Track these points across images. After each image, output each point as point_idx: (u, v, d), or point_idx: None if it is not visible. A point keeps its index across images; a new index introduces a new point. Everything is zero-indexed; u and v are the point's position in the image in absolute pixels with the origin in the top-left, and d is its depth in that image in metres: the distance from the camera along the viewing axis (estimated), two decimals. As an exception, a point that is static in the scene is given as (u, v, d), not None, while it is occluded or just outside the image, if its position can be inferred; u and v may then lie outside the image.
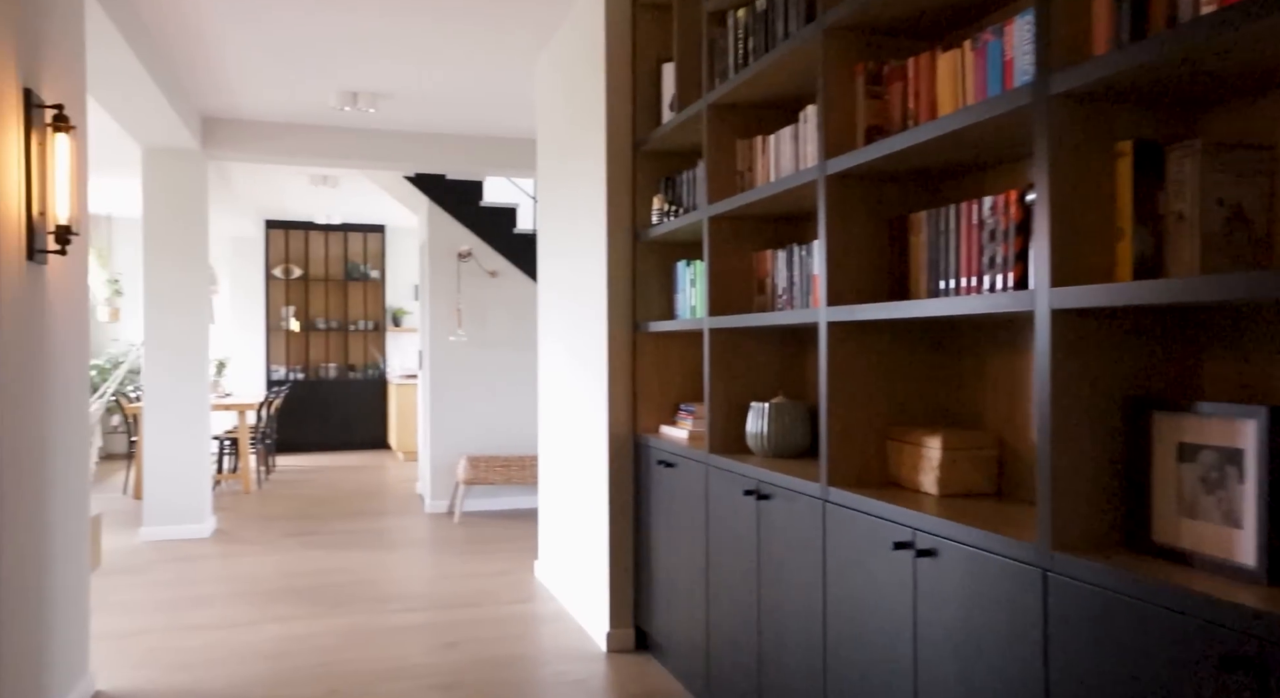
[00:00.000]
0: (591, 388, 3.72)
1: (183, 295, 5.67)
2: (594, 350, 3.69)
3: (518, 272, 6.72)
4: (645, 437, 3.46)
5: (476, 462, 6.25)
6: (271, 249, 10.29)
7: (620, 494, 3.56)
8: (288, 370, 10.27)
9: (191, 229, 5.71)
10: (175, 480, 5.63)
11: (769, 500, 2.44)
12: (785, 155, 2.59)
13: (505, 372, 6.70)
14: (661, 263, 3.58)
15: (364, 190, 8.24)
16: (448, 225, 6.60)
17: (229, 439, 7.69)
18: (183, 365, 5.65)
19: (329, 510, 6.58)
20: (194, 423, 5.67)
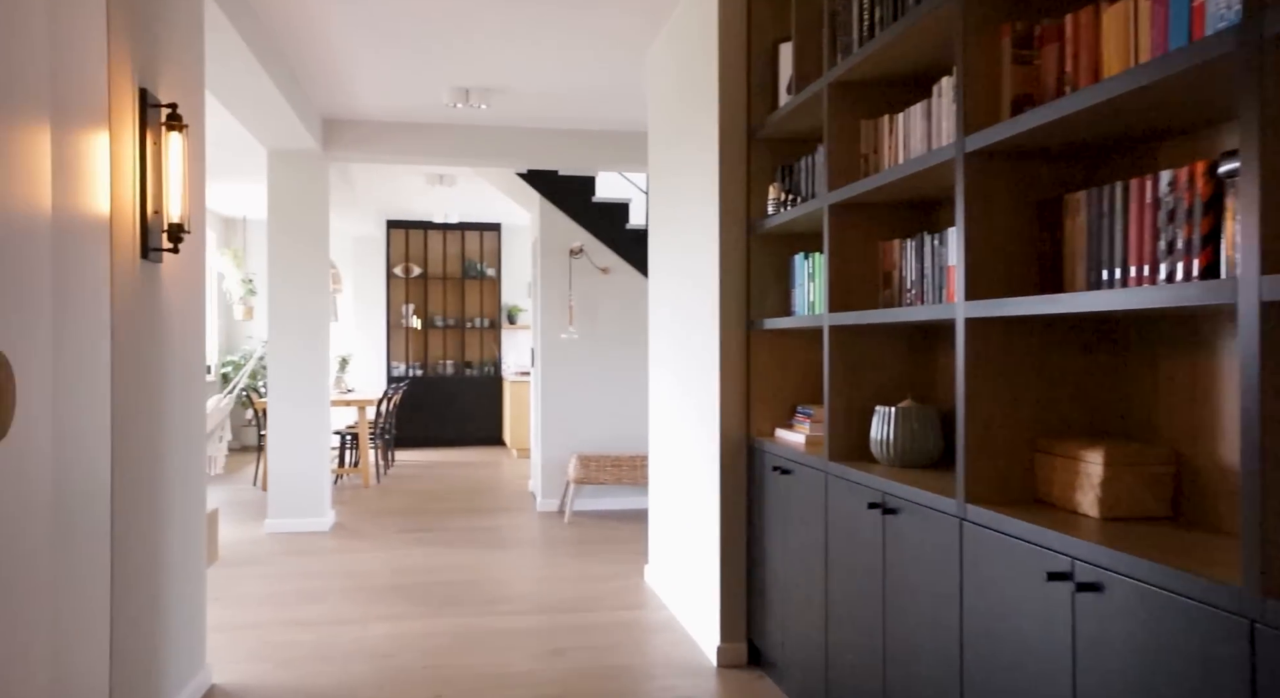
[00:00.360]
0: (703, 388, 3.55)
1: (304, 294, 5.80)
2: (706, 349, 3.52)
3: (629, 268, 6.61)
4: (759, 441, 3.26)
5: (587, 461, 6.17)
6: (392, 248, 10.54)
7: (732, 501, 3.37)
8: (407, 367, 10.50)
9: (313, 229, 5.84)
10: (297, 475, 5.77)
11: (896, 515, 2.22)
12: (916, 134, 2.36)
13: (616, 369, 6.60)
14: (777, 256, 3.37)
15: (479, 189, 8.30)
16: (559, 222, 6.54)
17: (350, 434, 7.88)
18: (304, 362, 5.78)
19: (443, 507, 6.64)
20: (315, 419, 5.79)
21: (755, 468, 3.30)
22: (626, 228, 6.62)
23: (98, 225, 2.27)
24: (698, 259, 3.62)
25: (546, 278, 6.54)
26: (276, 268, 5.79)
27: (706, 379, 3.50)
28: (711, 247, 3.43)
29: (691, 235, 3.71)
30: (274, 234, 5.80)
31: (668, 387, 4.11)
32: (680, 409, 3.89)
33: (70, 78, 2.13)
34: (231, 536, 5.62)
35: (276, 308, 5.79)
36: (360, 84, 5.11)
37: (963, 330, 1.93)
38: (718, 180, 3.36)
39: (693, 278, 3.68)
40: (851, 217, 2.67)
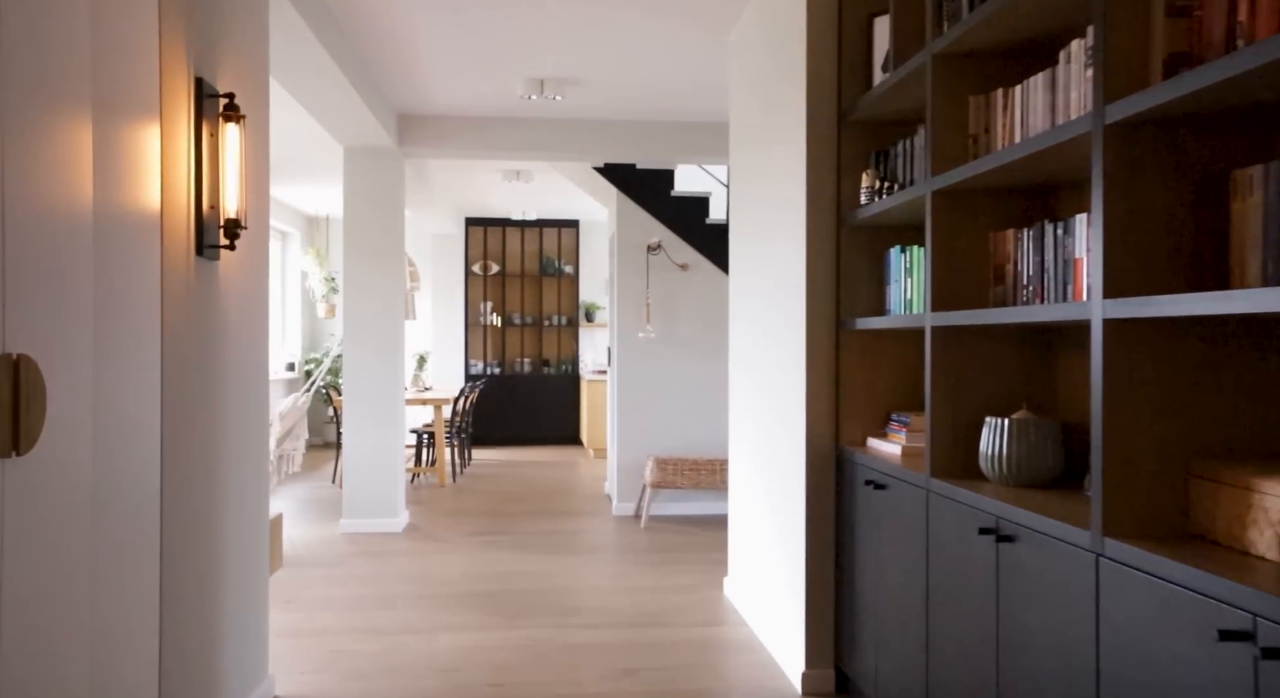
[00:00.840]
0: (788, 392, 3.30)
1: (380, 291, 5.74)
2: (791, 350, 3.26)
3: (709, 264, 6.37)
4: (850, 451, 3.00)
5: (664, 464, 5.97)
6: (471, 246, 10.51)
7: (820, 514, 3.12)
8: (485, 365, 10.47)
9: (389, 226, 5.77)
10: (371, 475, 5.71)
11: (1013, 544, 1.94)
12: (1037, 109, 2.07)
13: (695, 369, 6.37)
14: (871, 250, 3.10)
15: (556, 184, 8.17)
16: (637, 217, 6.35)
17: (427, 433, 7.85)
18: (379, 361, 5.72)
19: (517, 509, 6.52)
20: (389, 418, 5.72)
21: (845, 480, 3.04)
22: (706, 223, 6.38)
23: (147, 221, 2.15)
24: (783, 253, 3.36)
25: (623, 275, 6.35)
26: (352, 265, 5.74)
27: (792, 383, 3.24)
28: (798, 240, 3.17)
29: (776, 228, 3.46)
30: (350, 231, 5.75)
31: (749, 390, 3.87)
32: (762, 414, 3.65)
33: (116, 66, 2.01)
34: (305, 535, 5.60)
35: (352, 305, 5.74)
36: (434, 78, 5.00)
37: (1100, 333, 1.65)
38: (805, 168, 3.11)
39: (777, 273, 3.43)
40: (958, 205, 2.39)
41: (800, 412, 3.14)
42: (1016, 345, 2.41)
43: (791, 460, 3.25)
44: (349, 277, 5.75)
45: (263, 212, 2.94)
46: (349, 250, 5.75)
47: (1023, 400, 2.40)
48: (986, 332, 2.41)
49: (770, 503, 3.54)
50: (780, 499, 3.40)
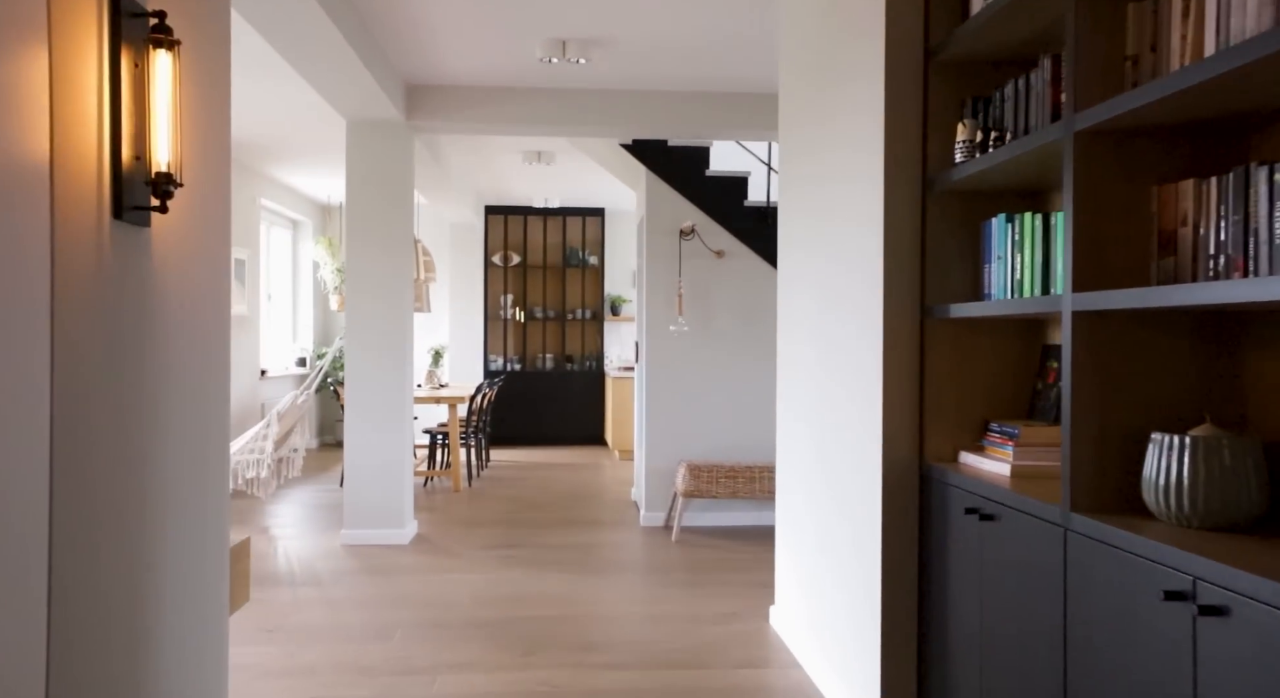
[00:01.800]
0: (856, 393, 2.72)
1: (386, 280, 5.21)
2: (861, 343, 2.69)
3: (747, 251, 5.79)
4: (938, 468, 2.42)
5: (698, 471, 5.40)
6: (491, 236, 10.00)
7: (898, 544, 2.54)
8: (505, 361, 9.95)
9: (396, 208, 5.24)
10: (375, 482, 5.20)
11: (1224, 618, 1.36)
12: (1244, 9, 1.48)
13: (731, 366, 5.80)
14: (964, 221, 2.52)
15: (580, 167, 7.62)
16: (668, 199, 5.78)
17: (441, 433, 7.33)
18: (385, 356, 5.20)
19: (537, 517, 5.98)
20: (396, 419, 5.20)
21: (932, 504, 2.46)
22: (745, 205, 5.81)
23: (30, 175, 1.62)
24: (851, 231, 2.79)
25: (653, 263, 5.79)
26: (355, 251, 5.23)
27: (863, 383, 2.67)
28: (872, 213, 2.60)
29: (842, 202, 2.89)
30: (353, 213, 5.23)
31: (803, 392, 3.30)
32: (822, 421, 3.07)
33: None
34: (302, 548, 5.09)
35: (355, 296, 5.22)
36: (445, 40, 4.46)
37: None
38: (882, 123, 2.53)
39: (843, 253, 2.85)
40: (1111, 150, 1.80)
41: (875, 419, 2.57)
42: (1191, 337, 1.82)
43: (861, 477, 2.68)
44: (352, 264, 5.23)
45: (218, 166, 2.39)
46: (352, 235, 5.23)
47: (1201, 410, 1.81)
48: (1150, 318, 1.83)
49: (831, 526, 2.97)
50: (845, 522, 2.83)
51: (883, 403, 2.53)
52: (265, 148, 6.87)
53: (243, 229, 7.52)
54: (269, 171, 7.85)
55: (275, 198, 8.35)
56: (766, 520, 5.82)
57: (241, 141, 6.59)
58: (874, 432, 2.58)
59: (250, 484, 5.63)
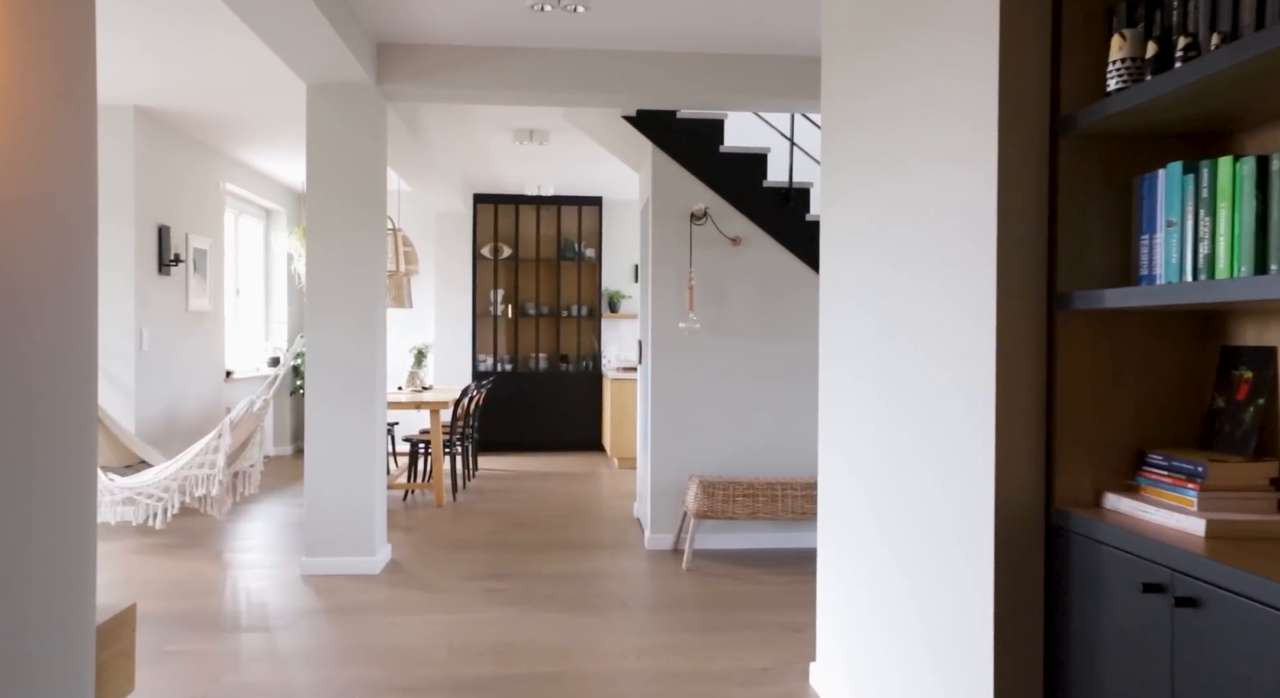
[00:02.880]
0: (951, 412, 2.04)
1: (354, 271, 4.52)
2: (958, 344, 2.00)
3: (767, 238, 5.11)
4: (1077, 516, 1.74)
5: (712, 488, 4.72)
6: (480, 226, 9.30)
7: (1016, 621, 1.86)
8: (495, 361, 9.25)
9: (367, 188, 4.54)
10: (340, 502, 4.50)
11: None
12: None
13: (749, 367, 5.12)
14: (1109, 175, 1.83)
15: (576, 146, 6.92)
16: (677, 179, 5.09)
17: (423, 441, 6.64)
18: (352, 357, 4.50)
19: (528, 538, 5.28)
20: (364, 429, 4.51)
21: (1071, 567, 1.78)
22: (764, 186, 5.13)
23: None
24: (941, 191, 2.10)
25: (660, 252, 5.10)
26: (318, 237, 4.53)
27: (962, 398, 1.98)
28: (980, 163, 1.91)
29: (925, 154, 2.20)
30: (315, 193, 4.53)
31: (859, 403, 2.61)
32: (889, 443, 2.39)
33: None
34: (256, 581, 4.39)
35: (318, 288, 4.52)
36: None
37: None
38: (997, 40, 1.84)
39: (931, 226, 2.17)
40: None
41: (981, 447, 1.89)
42: None
43: (958, 524, 2.00)
44: (314, 253, 4.54)
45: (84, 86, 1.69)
46: (314, 218, 4.53)
47: None
48: None
49: (900, 585, 2.29)
50: (933, 582, 2.14)
51: (995, 424, 1.85)
52: (227, 125, 6.16)
53: (203, 215, 6.81)
54: (234, 153, 7.14)
55: (243, 183, 7.64)
56: (790, 543, 5.14)
57: (196, 117, 5.89)
58: (979, 463, 1.89)
59: (203, 502, 4.93)
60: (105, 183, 5.61)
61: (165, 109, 5.73)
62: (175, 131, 6.25)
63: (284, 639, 3.54)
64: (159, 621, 3.73)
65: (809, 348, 5.13)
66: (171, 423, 6.23)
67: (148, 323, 5.86)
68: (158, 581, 4.33)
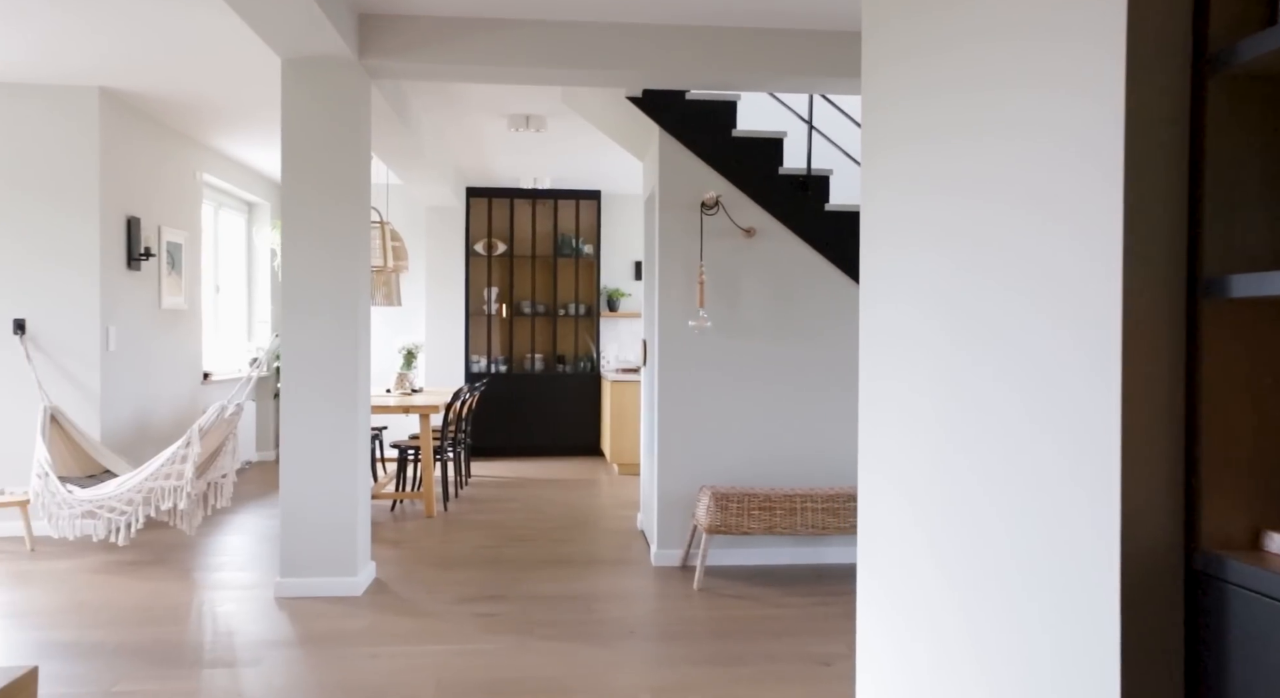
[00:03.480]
0: (1052, 428, 1.64)
1: (334, 266, 4.12)
2: (1060, 347, 1.61)
3: (783, 229, 4.72)
4: (1229, 562, 1.36)
5: (725, 501, 4.33)
6: (473, 221, 8.90)
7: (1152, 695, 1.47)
8: (489, 362, 8.85)
9: (347, 172, 4.14)
10: (319, 517, 4.10)
11: None
12: None
13: (763, 368, 4.73)
14: (1274, 131, 1.45)
15: (576, 132, 6.52)
16: (686, 166, 4.70)
17: (413, 448, 6.24)
18: (329, 362, 4.10)
19: (525, 554, 4.89)
20: (345, 437, 4.11)
21: (1229, 632, 1.39)
22: (779, 173, 4.74)
23: None
24: (1033, 149, 1.70)
25: (667, 244, 4.71)
26: (293, 225, 4.13)
27: (1070, 412, 1.59)
28: (1099, 111, 1.52)
29: (1014, 121, 1.80)
30: (290, 178, 4.13)
31: (913, 416, 2.21)
32: (951, 464, 1.99)
33: None
34: (226, 603, 3.98)
35: (293, 282, 4.13)
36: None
37: None
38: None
39: (1021, 193, 1.76)
40: None
41: (1101, 477, 1.49)
42: None
43: (1061, 573, 1.61)
44: (289, 245, 4.14)
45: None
46: (289, 207, 4.13)
47: None
48: None
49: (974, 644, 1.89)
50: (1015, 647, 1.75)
51: (1121, 448, 1.45)
52: (203, 111, 5.75)
53: (178, 207, 6.40)
54: (212, 142, 6.72)
55: (223, 174, 7.22)
56: (807, 558, 4.75)
57: (167, 100, 5.48)
58: (1099, 497, 1.50)
59: (171, 515, 4.53)
60: (67, 170, 5.20)
61: (133, 91, 5.32)
62: (145, 116, 5.84)
63: (249, 677, 3.14)
64: (112, 653, 3.33)
65: (829, 349, 4.75)
66: (142, 429, 5.81)
67: (115, 321, 5.45)
68: (115, 604, 3.92)
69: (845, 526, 4.39)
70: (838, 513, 4.39)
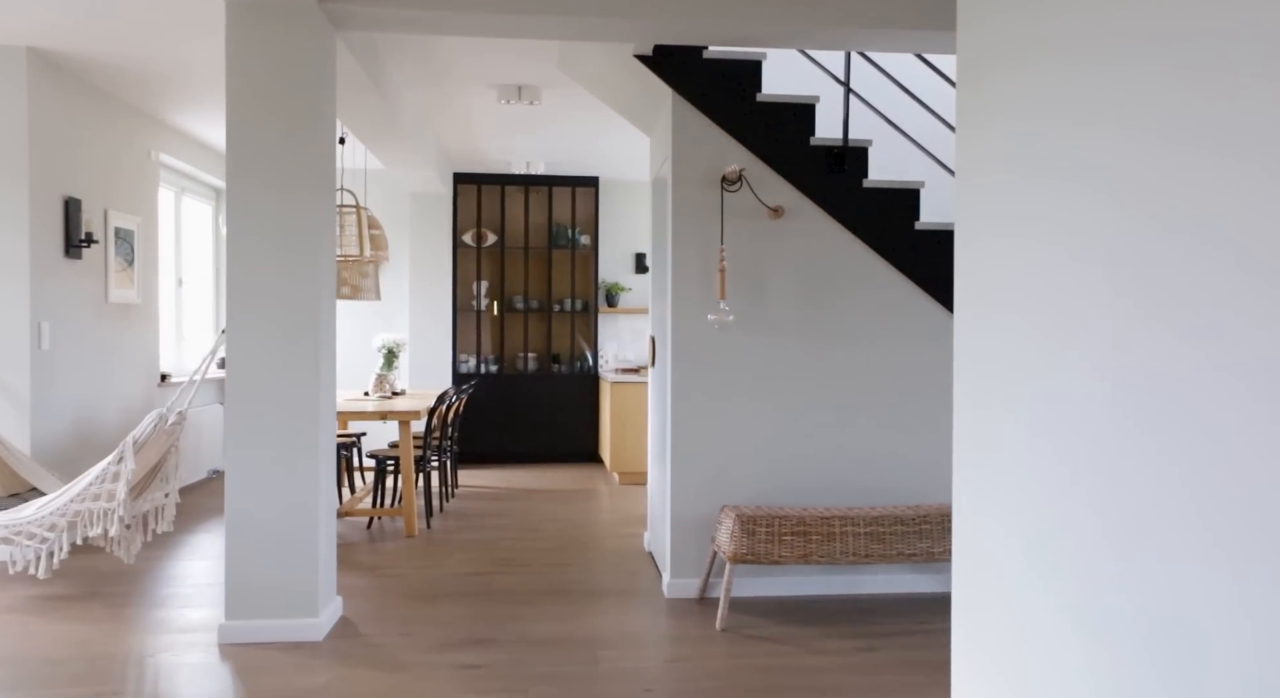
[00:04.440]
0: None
1: (291, 250, 3.47)
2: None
3: (815, 208, 4.09)
4: None
5: (752, 524, 3.70)
6: (461, 210, 8.24)
7: None
8: (478, 361, 8.20)
9: (306, 145, 3.49)
10: (272, 549, 3.45)
11: None
12: None
13: (793, 370, 4.10)
14: None
15: (574, 106, 5.87)
16: (704, 135, 4.07)
17: (390, 459, 5.58)
18: (285, 367, 3.45)
19: (518, 584, 4.24)
20: (302, 458, 3.46)
21: None
22: (811, 144, 4.11)
23: None
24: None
25: (681, 226, 4.07)
26: (241, 204, 3.48)
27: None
28: None
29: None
30: (236, 146, 3.48)
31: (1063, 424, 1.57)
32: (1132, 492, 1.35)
33: None
34: (159, 652, 3.32)
35: (239, 274, 3.48)
36: None
37: None
38: None
39: None
40: None
41: None
42: None
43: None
44: (235, 226, 3.49)
45: None
46: (234, 181, 3.48)
47: None
48: None
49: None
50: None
51: None
52: (152, 79, 5.09)
53: (129, 190, 5.73)
54: (169, 117, 6.05)
55: (185, 156, 6.56)
56: (842, 588, 4.12)
57: (109, 64, 4.80)
58: None
59: (105, 542, 3.87)
60: (-9, 142, 4.53)
61: (68, 52, 4.65)
62: (87, 84, 5.17)
63: (171, 762, 2.49)
64: (3, 727, 2.68)
65: (867, 348, 4.12)
66: (85, 438, 5.15)
67: (49, 316, 4.78)
68: (22, 656, 3.26)
69: (891, 553, 3.76)
70: (883, 538, 3.76)
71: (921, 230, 4.13)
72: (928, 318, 4.15)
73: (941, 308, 4.15)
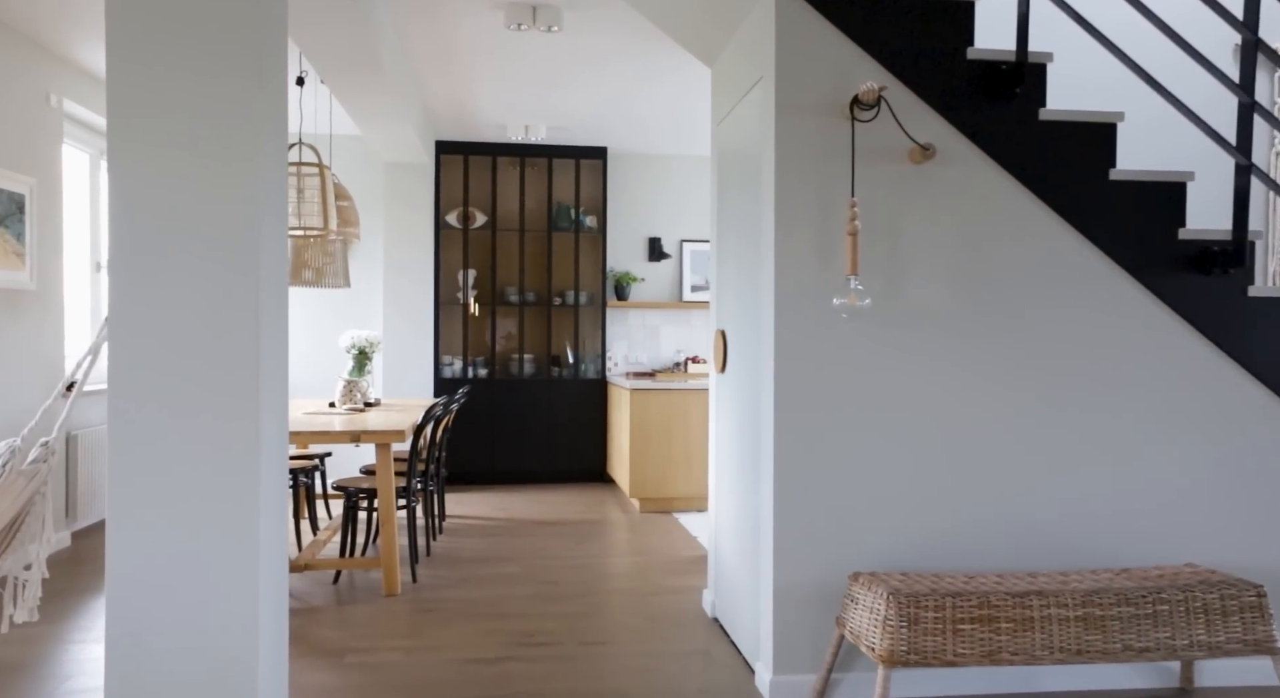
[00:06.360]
0: None
1: (210, 208, 2.18)
2: None
3: (977, 152, 2.89)
4: None
5: (915, 607, 2.49)
6: (445, 184, 6.96)
7: None
8: (465, 364, 6.91)
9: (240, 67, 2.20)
10: (181, 657, 2.17)
11: None
12: None
13: (952, 378, 2.90)
14: None
15: (606, 29, 4.61)
16: (820, 40, 2.85)
17: (362, 491, 4.28)
18: (203, 368, 2.17)
19: (543, 680, 2.98)
20: (235, 512, 2.17)
21: None
22: (968, 58, 2.91)
23: None
24: None
25: (786, 172, 2.85)
26: (123, 82, 2.18)
27: None
28: None
29: None
30: (119, 39, 2.18)
31: None
32: None
33: None
34: None
35: (124, 209, 2.19)
36: None
37: None
38: None
39: None
40: None
41: None
42: None
43: None
44: (117, 191, 2.19)
45: None
46: (114, 135, 2.19)
47: None
48: None
49: None
50: None
51: None
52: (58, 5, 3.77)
53: (17, 145, 4.39)
54: (76, 53, 4.71)
55: (100, 107, 5.21)
56: (1030, 684, 2.91)
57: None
58: None
59: (-57, 632, 2.56)
60: None
61: (-88, -67, 3.32)
62: (-46, -8, 3.84)
63: None
64: None
65: (1056, 352, 2.93)
66: (-53, 468, 3.79)
67: (-113, 302, 3.44)
68: None
69: (1113, 647, 2.56)
70: (1104, 627, 2.56)
71: (1117, 181, 2.95)
72: (1127, 302, 2.97)
73: (1146, 293, 2.96)
